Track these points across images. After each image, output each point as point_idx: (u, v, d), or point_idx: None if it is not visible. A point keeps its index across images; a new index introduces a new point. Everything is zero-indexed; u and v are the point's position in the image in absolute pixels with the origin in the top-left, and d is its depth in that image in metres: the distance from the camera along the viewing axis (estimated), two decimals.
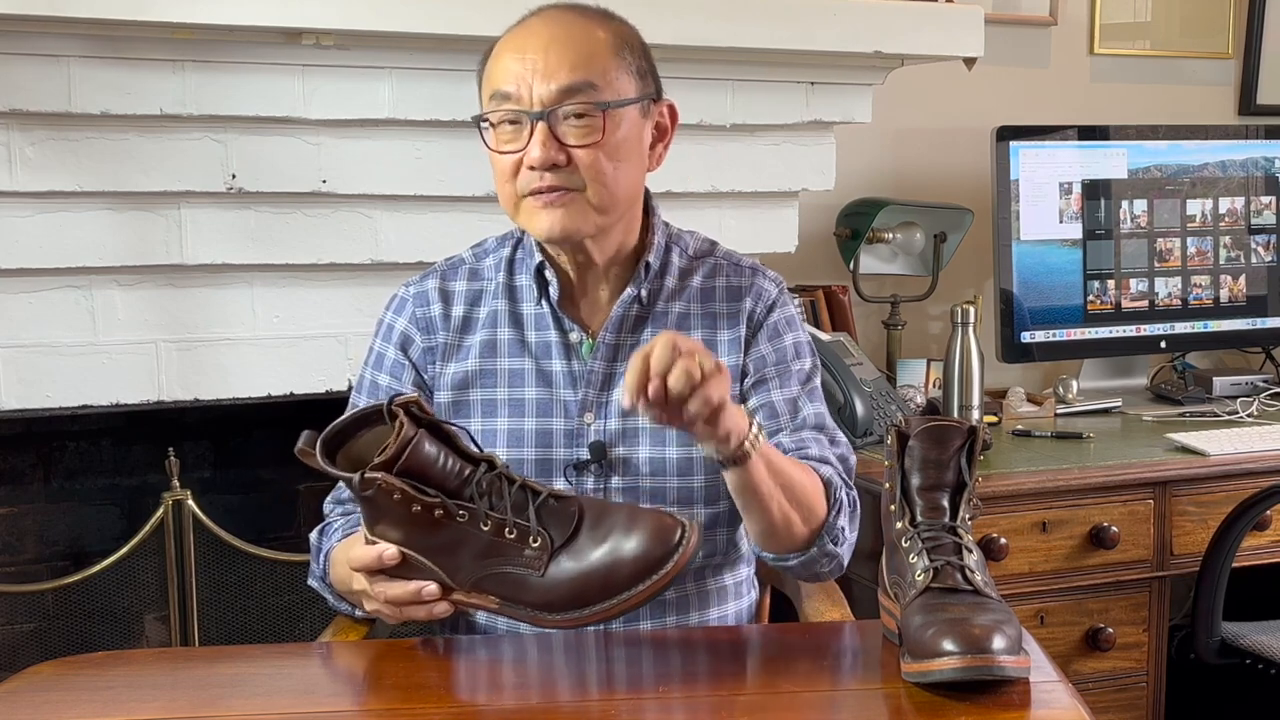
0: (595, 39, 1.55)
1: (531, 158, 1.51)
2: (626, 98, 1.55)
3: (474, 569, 1.33)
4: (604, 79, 1.53)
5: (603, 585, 1.30)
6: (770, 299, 1.68)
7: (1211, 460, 2.45)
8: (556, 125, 1.51)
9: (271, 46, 2.12)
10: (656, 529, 1.30)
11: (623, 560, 1.29)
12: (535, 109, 1.51)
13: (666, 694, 1.30)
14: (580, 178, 1.53)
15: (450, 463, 1.32)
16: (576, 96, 1.51)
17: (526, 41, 1.53)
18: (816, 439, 1.64)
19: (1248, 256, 3.06)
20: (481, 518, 1.31)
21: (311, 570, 1.67)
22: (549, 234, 1.55)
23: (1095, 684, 2.38)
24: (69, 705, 1.29)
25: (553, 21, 1.56)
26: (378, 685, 1.38)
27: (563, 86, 1.51)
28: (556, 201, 1.53)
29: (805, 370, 1.68)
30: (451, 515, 1.31)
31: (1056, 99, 3.12)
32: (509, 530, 1.31)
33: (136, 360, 2.18)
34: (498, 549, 1.32)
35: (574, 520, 1.32)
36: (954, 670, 1.21)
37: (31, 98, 2.02)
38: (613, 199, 1.55)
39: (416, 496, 1.30)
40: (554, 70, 1.51)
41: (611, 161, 1.54)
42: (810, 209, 2.69)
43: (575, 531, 1.32)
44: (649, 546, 1.29)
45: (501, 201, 1.59)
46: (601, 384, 1.62)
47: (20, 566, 2.38)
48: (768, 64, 2.43)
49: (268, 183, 2.19)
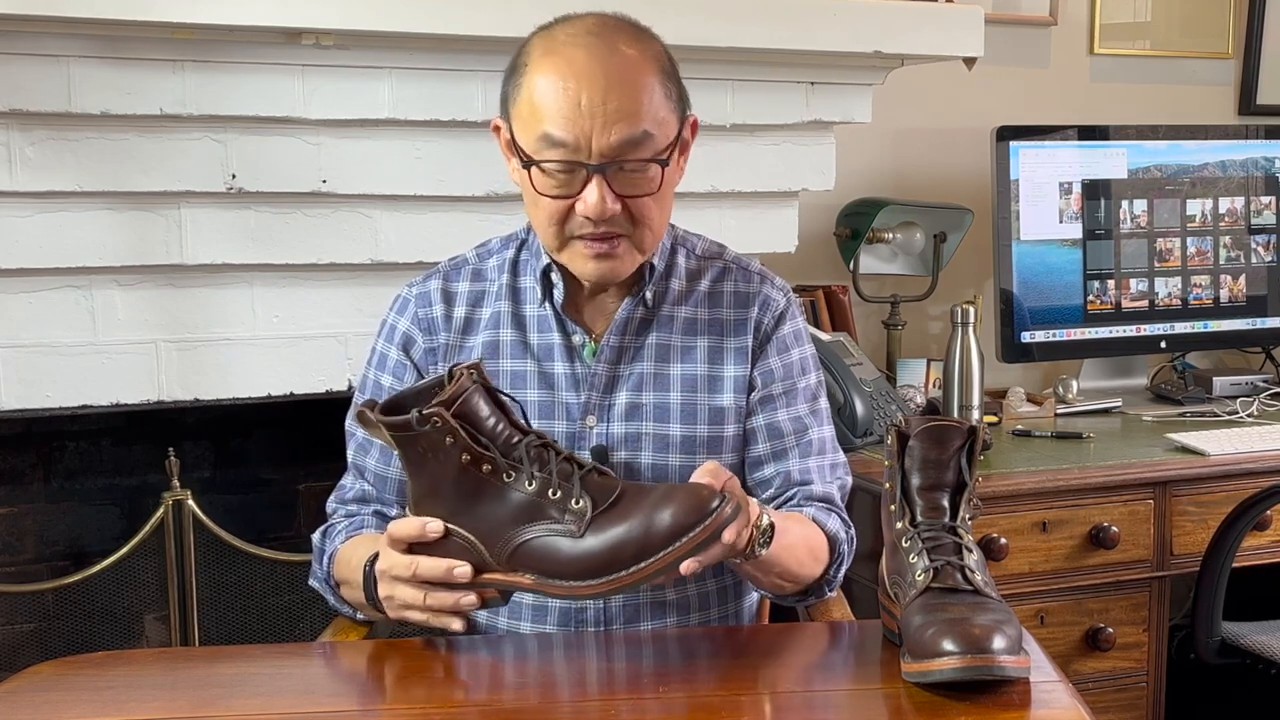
0: (646, 80, 1.48)
1: (590, 208, 1.47)
2: (674, 138, 1.53)
3: (513, 535, 1.33)
4: (659, 127, 1.49)
5: (638, 549, 1.30)
6: (779, 310, 1.67)
7: (1211, 460, 2.45)
8: (613, 177, 1.48)
9: (271, 46, 2.12)
10: (693, 496, 1.31)
11: (659, 525, 1.29)
12: (594, 163, 1.46)
13: (666, 694, 1.30)
14: (630, 224, 1.51)
15: (500, 426, 1.34)
16: (637, 150, 1.47)
17: (581, 81, 1.45)
18: (820, 467, 1.66)
19: (1248, 256, 3.06)
20: (528, 476, 1.32)
21: (313, 571, 1.66)
22: (597, 280, 1.56)
23: (1095, 684, 2.38)
24: (69, 705, 1.29)
25: (599, 56, 1.46)
26: (378, 685, 1.39)
27: (624, 140, 1.46)
28: (608, 252, 1.52)
29: (812, 387, 1.69)
30: (499, 471, 1.32)
31: (1056, 99, 3.12)
32: (553, 490, 1.32)
33: (136, 360, 2.18)
34: (539, 510, 1.32)
35: (614, 492, 1.32)
36: (954, 670, 1.21)
37: (31, 98, 2.02)
38: (656, 239, 1.56)
39: (469, 444, 1.31)
40: (612, 120, 1.45)
41: (659, 205, 1.53)
42: (810, 209, 2.69)
43: (615, 502, 1.32)
44: (685, 511, 1.29)
45: (542, 237, 1.56)
46: (605, 387, 1.61)
47: (20, 566, 2.38)
48: (768, 64, 2.43)
49: (268, 183, 2.19)
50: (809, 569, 1.57)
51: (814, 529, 1.59)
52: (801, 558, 1.55)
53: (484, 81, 2.24)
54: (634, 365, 1.62)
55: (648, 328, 1.63)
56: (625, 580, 1.30)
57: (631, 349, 1.62)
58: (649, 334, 1.63)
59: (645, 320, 1.63)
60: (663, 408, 1.61)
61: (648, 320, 1.64)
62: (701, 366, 1.63)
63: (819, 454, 1.66)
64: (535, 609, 1.61)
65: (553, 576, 1.33)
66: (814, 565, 1.58)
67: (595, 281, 1.57)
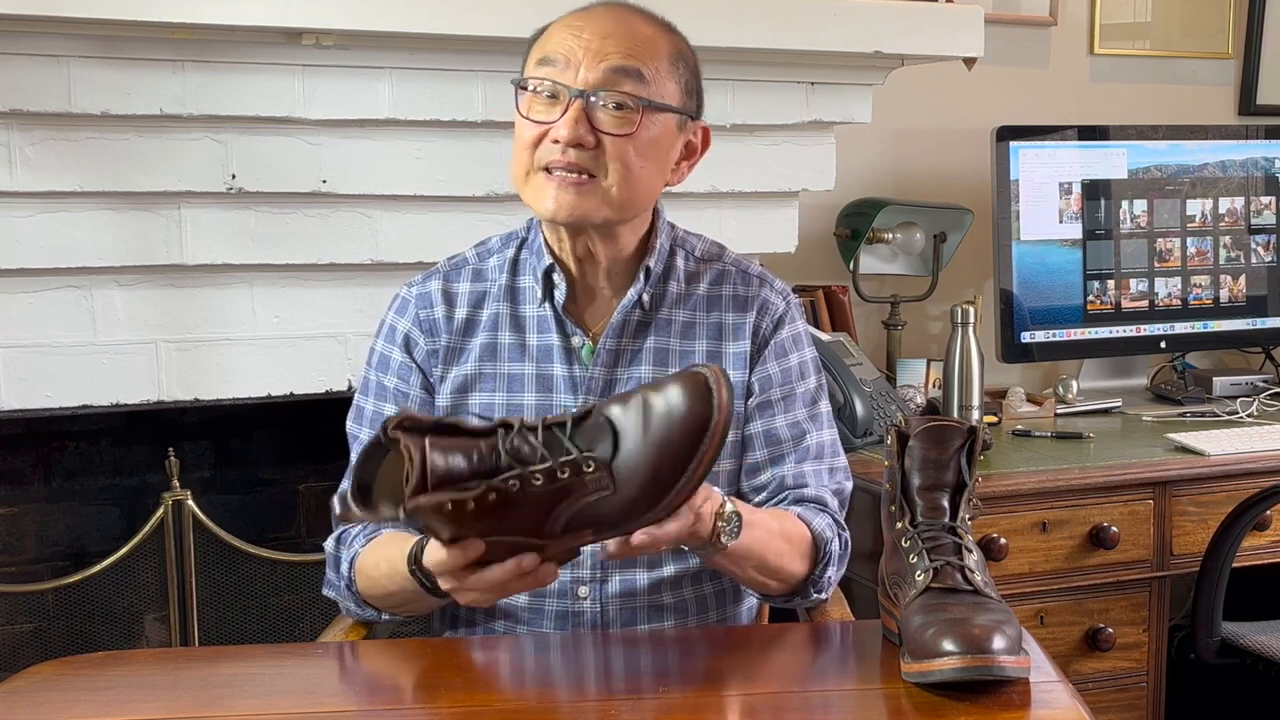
0: (656, 41, 1.54)
1: (559, 133, 1.49)
2: (669, 102, 1.54)
3: (555, 521, 1.31)
4: (653, 75, 1.52)
5: (673, 460, 1.28)
6: (777, 314, 1.66)
7: (1211, 460, 2.45)
8: (594, 109, 1.49)
9: (271, 46, 2.12)
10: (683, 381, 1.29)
11: (673, 426, 1.27)
12: (578, 86, 1.49)
13: (666, 694, 1.30)
14: (604, 163, 1.50)
15: (472, 449, 1.30)
16: (623, 84, 1.50)
17: (588, 23, 1.52)
18: (816, 471, 1.64)
19: (1248, 256, 3.06)
20: (530, 477, 1.28)
21: (328, 580, 1.63)
22: (555, 214, 1.52)
23: (1095, 684, 2.38)
24: (69, 705, 1.29)
25: (618, 13, 1.55)
26: (378, 685, 1.39)
27: (612, 68, 1.49)
28: (571, 183, 1.50)
29: (811, 391, 1.67)
30: (504, 492, 1.29)
31: (1056, 99, 3.12)
32: (561, 472, 1.29)
33: (136, 360, 2.18)
34: (562, 493, 1.29)
35: (610, 429, 1.29)
36: (954, 670, 1.21)
37: (31, 98, 2.02)
38: (630, 195, 1.53)
39: (464, 497, 1.29)
40: (607, 53, 1.50)
41: (639, 158, 1.52)
42: (810, 209, 2.69)
43: (617, 435, 1.29)
44: (688, 401, 1.28)
45: (513, 171, 1.56)
46: (602, 390, 1.60)
47: (20, 566, 2.38)
48: (768, 64, 2.43)
49: (268, 183, 2.18)
50: (790, 562, 1.55)
51: (794, 522, 1.57)
52: (779, 548, 1.52)
53: (484, 81, 2.24)
54: (632, 369, 1.61)
55: (646, 331, 1.62)
56: (680, 499, 1.29)
57: (629, 352, 1.62)
58: (647, 337, 1.62)
59: (643, 323, 1.63)
60: None
61: (645, 323, 1.63)
62: None
63: (815, 459, 1.65)
64: (532, 611, 1.60)
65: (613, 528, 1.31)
66: (795, 558, 1.55)
67: (555, 219, 1.53)
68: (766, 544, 1.50)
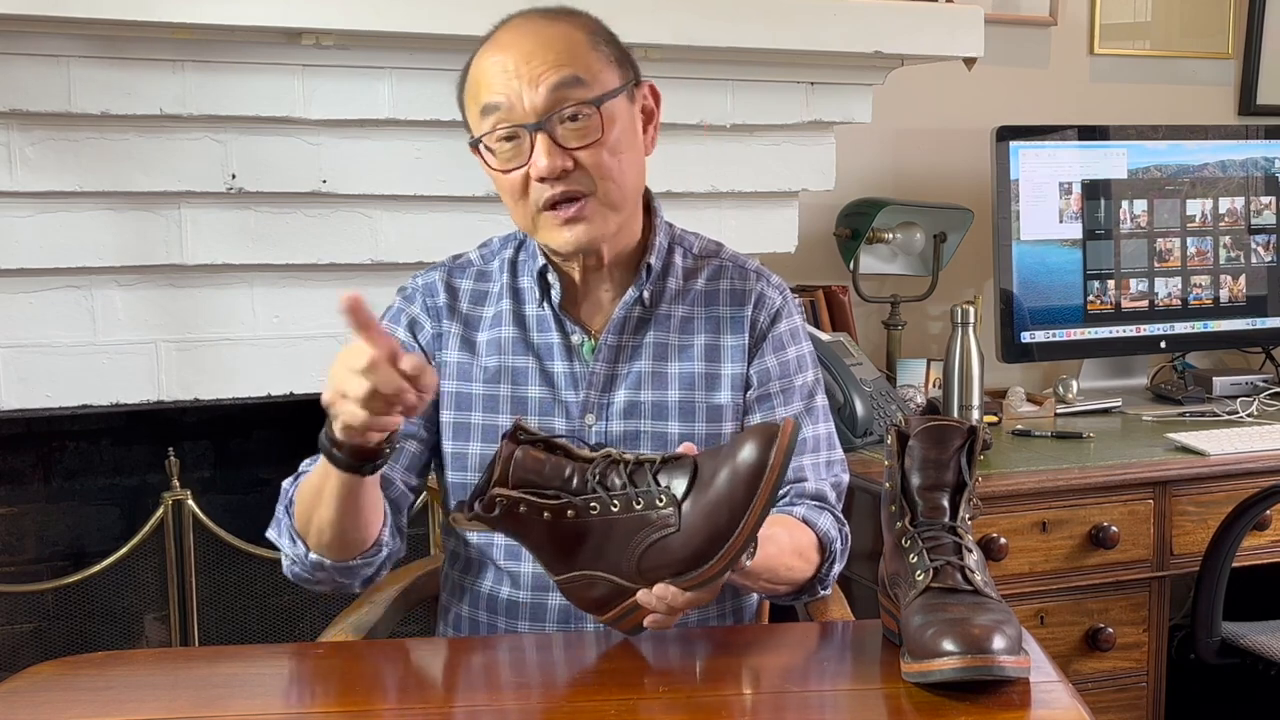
0: (571, 37, 1.54)
1: (539, 169, 1.50)
2: (613, 89, 1.54)
3: (629, 554, 1.33)
4: (589, 74, 1.52)
5: (729, 508, 1.29)
6: (774, 308, 1.67)
7: (1211, 460, 2.45)
8: (554, 131, 1.50)
9: (271, 46, 2.12)
10: (758, 434, 1.30)
11: (737, 475, 1.29)
12: (531, 120, 1.50)
13: (666, 694, 1.30)
14: (590, 179, 1.52)
15: (562, 466, 1.34)
16: (568, 97, 1.50)
17: (505, 52, 1.52)
18: (814, 465, 1.66)
19: (1248, 256, 3.06)
20: (608, 502, 1.32)
21: (277, 518, 1.57)
22: (574, 248, 1.55)
23: (1095, 684, 2.38)
24: (69, 705, 1.29)
25: (524, 29, 1.54)
26: (377, 685, 1.38)
27: (551, 86, 1.50)
28: (576, 215, 1.52)
29: (808, 385, 1.68)
30: (581, 510, 1.33)
31: (1056, 99, 3.12)
32: (636, 501, 1.32)
33: (136, 360, 2.18)
34: (635, 524, 1.32)
35: (691, 467, 1.32)
36: (954, 670, 1.21)
37: (31, 98, 2.02)
38: (623, 194, 1.55)
39: (541, 504, 1.32)
40: (539, 73, 1.50)
41: (615, 157, 1.53)
42: (810, 209, 2.69)
43: (695, 474, 1.32)
44: (754, 451, 1.29)
45: (516, 220, 1.58)
46: (603, 386, 1.61)
47: (20, 566, 2.38)
48: (768, 64, 2.43)
49: (268, 183, 2.19)
50: (799, 572, 1.57)
51: (802, 531, 1.59)
52: (790, 562, 1.55)
53: None
54: (632, 364, 1.62)
55: (645, 327, 1.64)
56: (736, 548, 1.30)
57: (629, 348, 1.63)
58: (646, 333, 1.63)
59: (643, 319, 1.64)
60: (661, 406, 1.61)
61: (645, 319, 1.64)
62: (699, 365, 1.63)
63: (814, 451, 1.66)
64: (534, 609, 1.61)
65: (681, 574, 1.33)
66: (804, 567, 1.58)
67: (573, 250, 1.56)
68: (779, 559, 1.52)
